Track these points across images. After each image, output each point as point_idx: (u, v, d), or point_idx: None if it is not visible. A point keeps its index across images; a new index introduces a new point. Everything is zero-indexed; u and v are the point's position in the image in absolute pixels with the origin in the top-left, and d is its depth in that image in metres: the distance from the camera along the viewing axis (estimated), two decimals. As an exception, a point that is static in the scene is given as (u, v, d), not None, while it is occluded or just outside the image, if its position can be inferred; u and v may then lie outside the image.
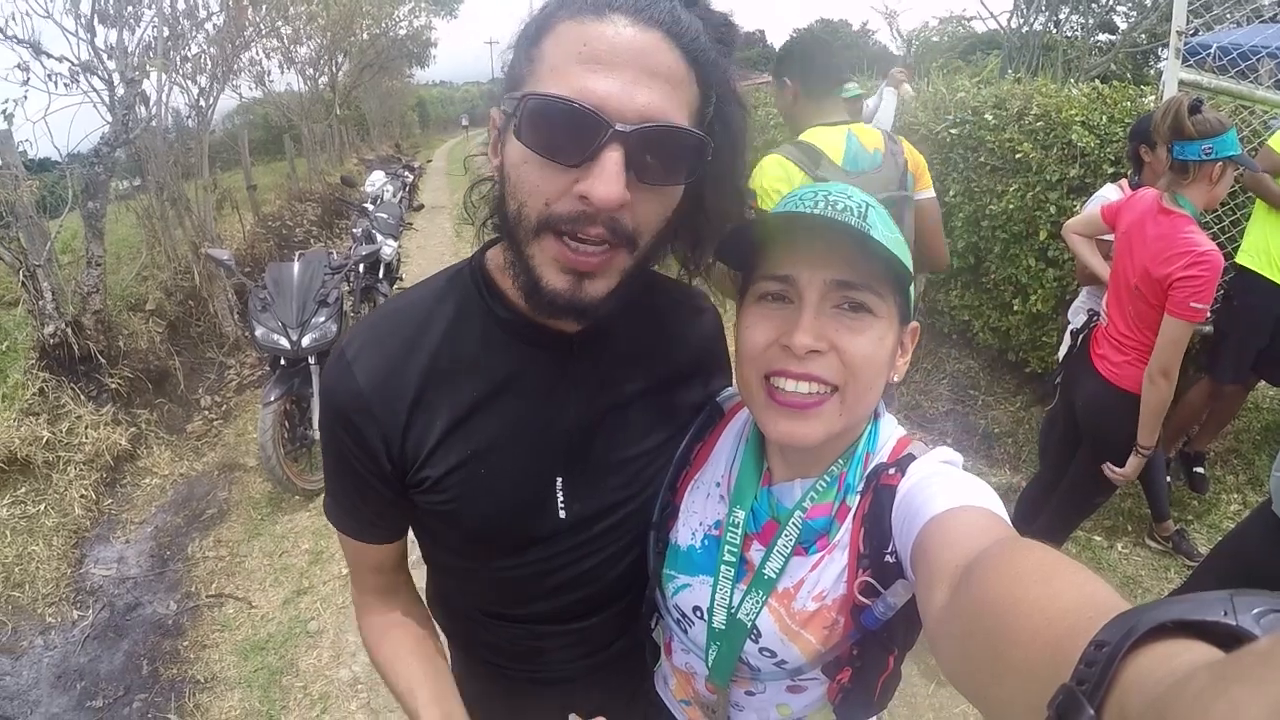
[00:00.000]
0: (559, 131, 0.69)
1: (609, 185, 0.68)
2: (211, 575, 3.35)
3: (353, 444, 0.86)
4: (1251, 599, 0.34)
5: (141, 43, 5.17)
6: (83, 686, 2.71)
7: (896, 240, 0.79)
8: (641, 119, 0.68)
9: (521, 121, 0.70)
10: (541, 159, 0.70)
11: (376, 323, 0.90)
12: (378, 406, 0.85)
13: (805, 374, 0.78)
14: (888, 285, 0.79)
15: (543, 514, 0.93)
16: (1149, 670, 0.33)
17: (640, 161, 0.70)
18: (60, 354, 4.20)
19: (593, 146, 0.68)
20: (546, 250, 0.74)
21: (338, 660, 2.78)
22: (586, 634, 1.06)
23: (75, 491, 3.72)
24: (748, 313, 0.85)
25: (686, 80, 0.72)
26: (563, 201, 0.71)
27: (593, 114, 0.67)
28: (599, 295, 0.76)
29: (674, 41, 0.70)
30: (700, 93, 0.75)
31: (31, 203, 4.12)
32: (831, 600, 0.84)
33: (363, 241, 5.60)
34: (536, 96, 0.69)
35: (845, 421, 0.81)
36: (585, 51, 0.68)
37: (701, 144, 0.74)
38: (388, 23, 16.37)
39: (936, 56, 10.76)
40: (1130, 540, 3.32)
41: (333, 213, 10.46)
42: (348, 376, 0.85)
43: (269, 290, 3.85)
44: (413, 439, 0.87)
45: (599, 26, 0.68)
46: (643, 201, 0.73)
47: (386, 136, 22.74)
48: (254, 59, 9.67)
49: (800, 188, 0.85)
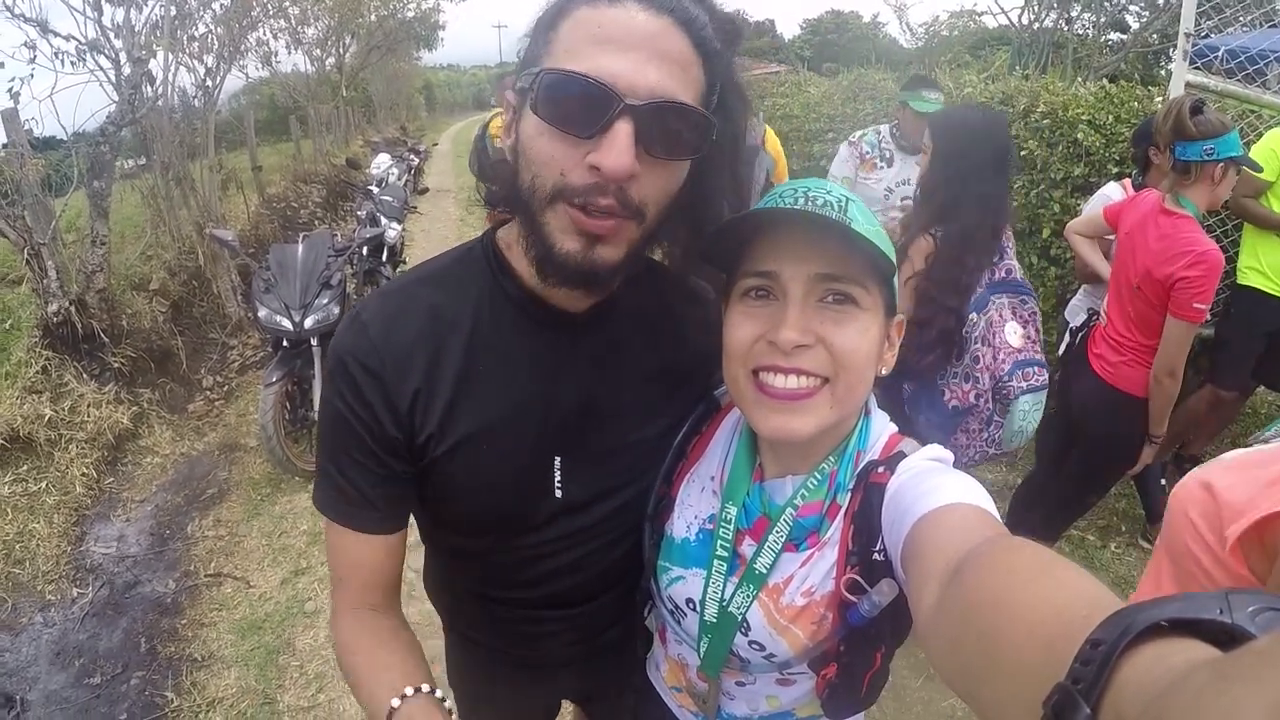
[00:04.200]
0: (573, 105, 0.72)
1: (620, 156, 0.71)
2: (210, 554, 3.38)
3: (357, 403, 0.86)
4: (1246, 597, 0.34)
5: (148, 22, 5.16)
6: (81, 663, 2.74)
7: (877, 232, 0.79)
8: (651, 95, 0.72)
9: (538, 95, 0.73)
10: (556, 131, 0.73)
11: (391, 292, 0.92)
12: (390, 371, 0.86)
13: (794, 368, 0.78)
14: (871, 277, 0.80)
15: (540, 493, 0.95)
16: (1145, 669, 0.33)
17: (649, 135, 0.73)
18: (64, 332, 4.22)
19: (605, 119, 0.71)
20: (560, 217, 0.76)
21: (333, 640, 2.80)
22: (579, 620, 1.07)
23: (77, 469, 3.74)
24: (732, 310, 0.86)
25: (693, 66, 0.75)
26: (576, 172, 0.74)
27: (605, 88, 0.70)
28: (610, 261, 0.78)
29: (683, 28, 0.74)
30: (706, 80, 0.77)
31: (37, 181, 4.13)
32: (820, 596, 0.85)
33: (367, 224, 5.60)
34: (553, 71, 0.73)
35: (837, 414, 0.81)
36: (599, 33, 0.72)
37: (707, 123, 0.77)
38: (396, 4, 16.30)
39: (946, 51, 10.69)
40: (1123, 541, 3.33)
41: (337, 195, 10.46)
42: (363, 337, 0.86)
43: (272, 271, 3.86)
44: (420, 408, 0.88)
45: (612, 11, 0.72)
46: (650, 175, 0.75)
47: (393, 119, 22.70)
48: (261, 39, 9.62)
49: (779, 185, 0.87)
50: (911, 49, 12.18)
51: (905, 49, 13.70)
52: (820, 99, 6.33)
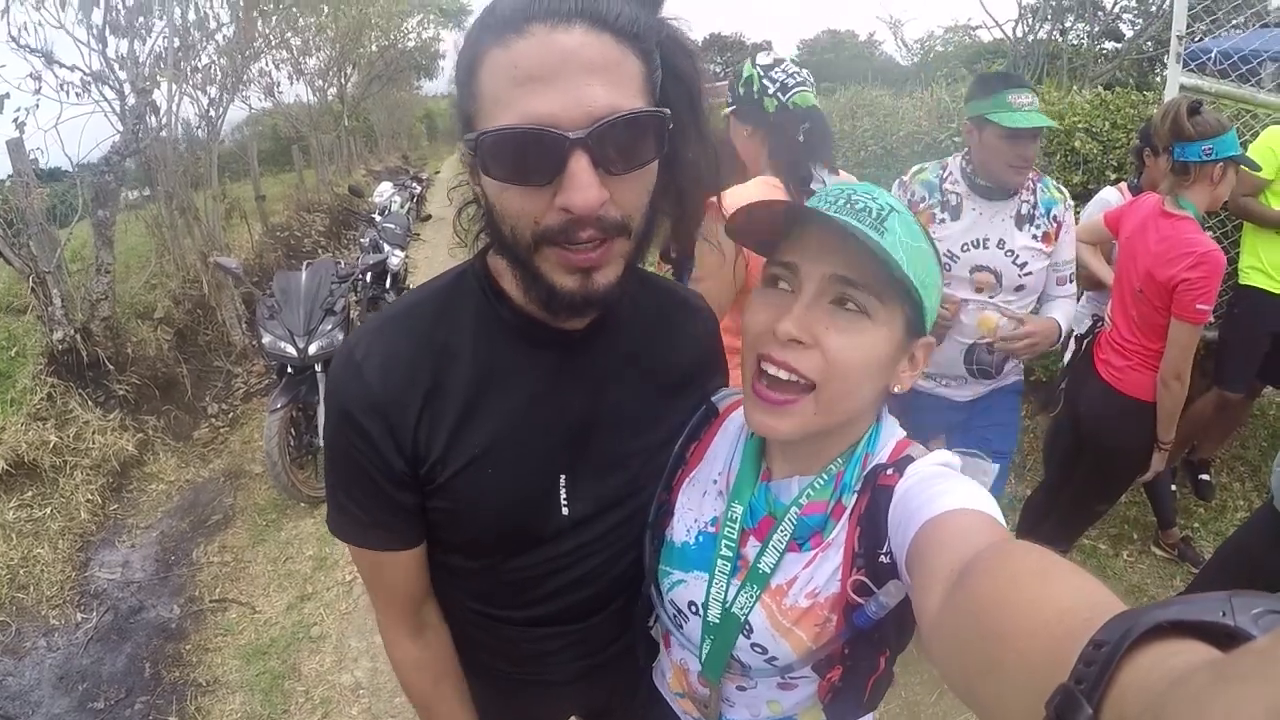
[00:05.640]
0: (521, 158, 0.70)
1: (585, 192, 0.69)
2: (216, 580, 3.36)
3: (364, 446, 0.86)
4: (1250, 600, 0.34)
5: (152, 53, 5.24)
6: (85, 688, 2.72)
7: (917, 249, 0.78)
8: (593, 119, 0.68)
9: (485, 160, 0.72)
10: (515, 186, 0.72)
11: (383, 324, 0.91)
12: (389, 406, 0.85)
13: (784, 362, 0.79)
14: (893, 291, 0.78)
15: (547, 512, 0.94)
16: (1147, 670, 0.33)
17: (606, 157, 0.70)
18: (69, 360, 4.24)
19: (556, 161, 0.69)
20: (549, 259, 0.76)
21: (340, 665, 2.78)
22: (587, 634, 1.06)
23: (81, 496, 3.74)
24: (754, 295, 0.86)
25: (624, 58, 0.71)
26: (549, 216, 0.72)
27: (545, 131, 0.68)
28: (609, 283, 0.78)
29: (598, 27, 0.69)
30: (642, 61, 0.74)
31: (42, 210, 4.16)
32: (824, 598, 0.84)
33: (370, 251, 5.65)
34: (489, 133, 0.70)
35: (821, 422, 0.81)
36: (518, 74, 0.68)
37: (659, 120, 0.74)
38: (396, 35, 16.54)
39: (942, 66, 10.78)
40: (1136, 548, 3.29)
41: (340, 223, 10.55)
42: (357, 377, 0.86)
43: (276, 298, 3.89)
44: (424, 438, 0.87)
45: (522, 44, 0.68)
46: (622, 190, 0.74)
47: (394, 148, 22.90)
48: (263, 70, 9.76)
49: (832, 185, 0.85)
50: (908, 65, 12.29)
51: (902, 66, 13.83)
52: (817, 117, 6.36)
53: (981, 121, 2.04)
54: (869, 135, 5.15)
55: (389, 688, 2.63)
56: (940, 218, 2.19)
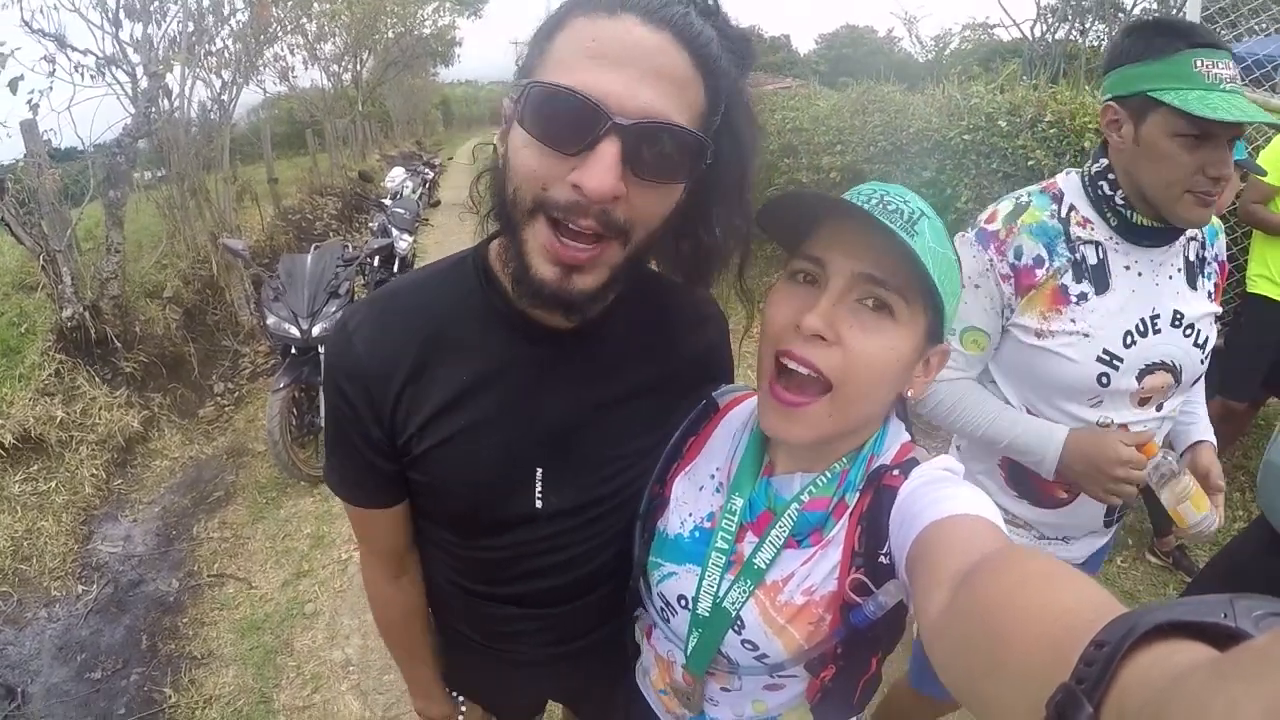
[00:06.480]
0: (559, 120, 0.70)
1: (602, 176, 0.69)
2: (214, 555, 3.41)
3: (348, 411, 0.91)
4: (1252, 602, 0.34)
5: (166, 37, 5.28)
6: (83, 658, 2.77)
7: (943, 256, 0.77)
8: (642, 114, 0.69)
9: (525, 108, 0.71)
10: (541, 145, 0.71)
11: (379, 300, 0.94)
12: (373, 378, 0.89)
13: (804, 358, 0.78)
14: (918, 295, 0.77)
15: (519, 502, 0.96)
16: (1148, 669, 0.33)
17: (637, 156, 0.70)
18: (77, 337, 4.30)
19: (591, 136, 0.69)
20: (538, 236, 0.75)
21: (332, 642, 2.82)
22: (557, 621, 1.08)
23: (86, 470, 3.79)
24: (777, 288, 0.84)
25: (692, 84, 0.72)
26: (557, 188, 0.72)
27: (593, 104, 0.68)
28: (587, 289, 0.77)
29: (684, 45, 0.70)
30: (707, 99, 0.74)
31: (54, 190, 4.21)
32: (820, 596, 0.83)
33: (378, 235, 5.68)
34: (541, 84, 0.70)
35: (836, 425, 0.80)
36: (593, 47, 0.69)
37: (700, 145, 0.74)
38: (412, 21, 16.55)
39: (957, 63, 10.69)
40: (1130, 555, 3.28)
41: (352, 207, 10.60)
42: (348, 346, 0.90)
43: (281, 280, 3.92)
44: (402, 413, 0.90)
45: (609, 24, 0.69)
46: (639, 196, 0.73)
47: (409, 134, 22.97)
48: (278, 54, 9.81)
49: (864, 185, 0.82)
50: (923, 61, 12.19)
51: (920, 62, 13.71)
52: (829, 112, 6.32)
53: (1144, 104, 1.19)
54: (879, 131, 5.12)
55: (378, 665, 2.67)
56: (1077, 293, 1.28)
